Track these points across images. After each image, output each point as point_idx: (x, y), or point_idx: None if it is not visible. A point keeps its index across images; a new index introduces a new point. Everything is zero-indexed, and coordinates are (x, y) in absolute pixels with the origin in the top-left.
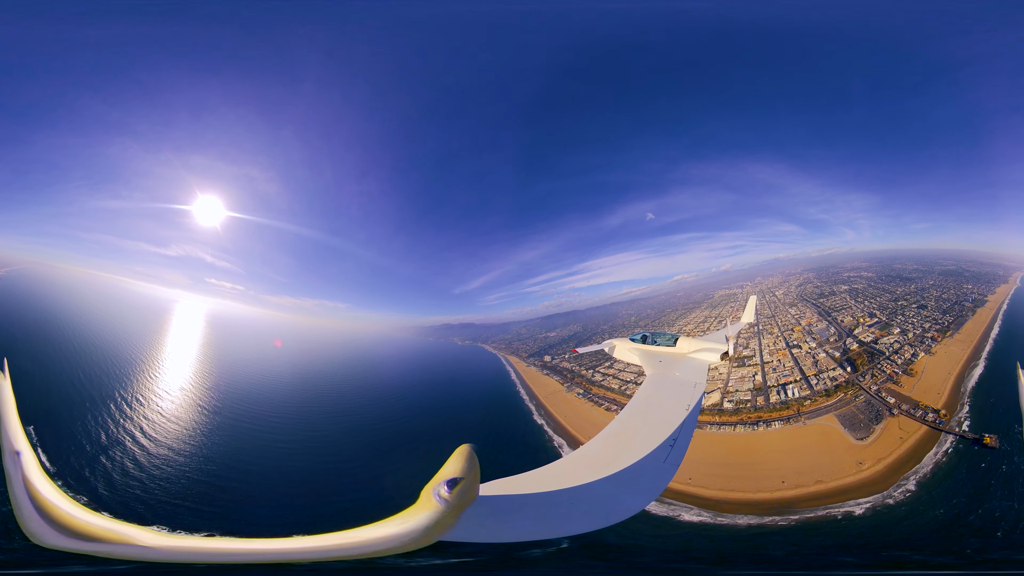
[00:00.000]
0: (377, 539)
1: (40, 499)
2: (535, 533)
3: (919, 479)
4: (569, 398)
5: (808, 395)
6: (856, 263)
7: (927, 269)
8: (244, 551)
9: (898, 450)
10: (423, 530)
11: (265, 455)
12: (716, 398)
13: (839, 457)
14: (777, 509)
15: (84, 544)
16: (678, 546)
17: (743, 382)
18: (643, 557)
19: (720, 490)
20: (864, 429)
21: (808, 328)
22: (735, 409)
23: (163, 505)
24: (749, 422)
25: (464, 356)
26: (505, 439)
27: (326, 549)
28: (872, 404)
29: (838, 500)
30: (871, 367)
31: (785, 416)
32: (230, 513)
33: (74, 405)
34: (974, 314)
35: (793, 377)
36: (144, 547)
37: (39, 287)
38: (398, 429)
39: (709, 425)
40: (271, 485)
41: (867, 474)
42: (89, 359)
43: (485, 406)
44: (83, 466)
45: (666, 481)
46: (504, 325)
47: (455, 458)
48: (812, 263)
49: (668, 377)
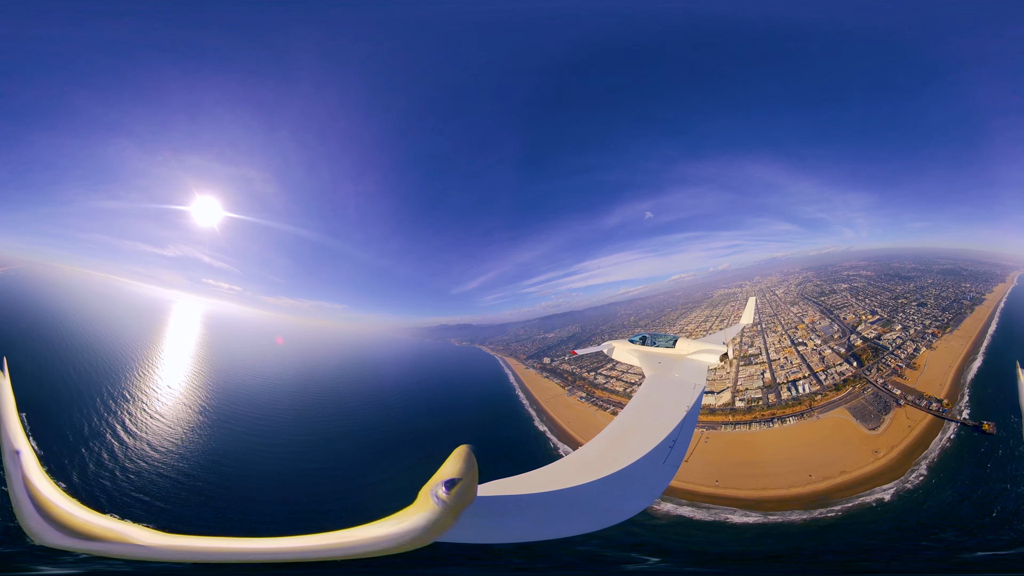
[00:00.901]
0: (374, 539)
1: (40, 498)
2: (533, 534)
3: (928, 464)
4: (571, 402)
5: (818, 390)
6: (854, 262)
7: (925, 268)
8: (244, 550)
9: (908, 438)
10: (420, 530)
11: (251, 455)
12: (727, 397)
13: (855, 447)
14: (817, 502)
15: (84, 543)
16: (773, 548)
17: (752, 380)
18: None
19: (752, 489)
20: (875, 420)
21: (811, 326)
22: (748, 408)
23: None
24: (764, 419)
25: (461, 358)
26: (505, 447)
27: (324, 548)
28: (880, 396)
29: (866, 488)
30: (876, 361)
31: (798, 412)
32: (203, 512)
33: (62, 397)
34: (972, 312)
35: (802, 373)
36: (144, 546)
37: (37, 287)
38: (393, 433)
39: (724, 425)
40: (252, 483)
41: (884, 461)
42: (83, 357)
43: (482, 412)
44: (64, 455)
45: (666, 482)
46: (502, 326)
47: (453, 458)
48: (810, 262)
49: (667, 378)
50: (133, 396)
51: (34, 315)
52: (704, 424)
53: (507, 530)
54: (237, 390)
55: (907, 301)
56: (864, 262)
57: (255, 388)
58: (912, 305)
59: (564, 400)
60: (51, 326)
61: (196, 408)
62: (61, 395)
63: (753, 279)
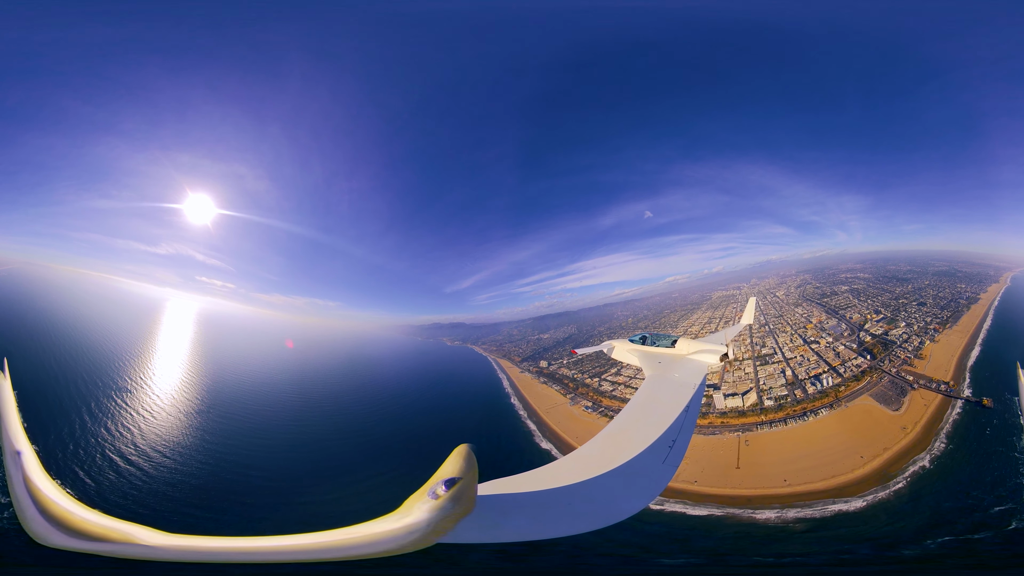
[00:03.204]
0: (376, 539)
1: (42, 499)
2: (533, 533)
3: (946, 433)
4: (576, 413)
5: (840, 382)
6: (850, 264)
7: (921, 270)
8: (246, 549)
9: (925, 414)
10: (423, 531)
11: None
12: (754, 397)
13: (886, 427)
14: (884, 478)
15: (86, 543)
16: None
17: (773, 379)
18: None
19: (823, 479)
20: (896, 402)
21: (820, 325)
22: (778, 406)
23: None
24: (796, 415)
25: (453, 361)
26: (501, 470)
27: (326, 548)
28: (895, 383)
29: (909, 459)
30: (887, 354)
31: (828, 403)
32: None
33: (60, 397)
34: (969, 310)
35: (821, 368)
36: (147, 546)
37: (32, 287)
38: (374, 450)
39: (759, 426)
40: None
41: (912, 436)
42: (81, 356)
43: (473, 424)
44: (59, 453)
45: (665, 482)
46: (495, 325)
47: (453, 458)
48: (805, 265)
49: (667, 378)
50: (129, 394)
51: (31, 315)
52: (738, 427)
53: (508, 529)
54: (231, 387)
55: (907, 301)
56: (860, 265)
57: (248, 385)
58: (913, 305)
59: (567, 410)
60: (48, 326)
61: (193, 404)
62: (59, 394)
63: (750, 281)
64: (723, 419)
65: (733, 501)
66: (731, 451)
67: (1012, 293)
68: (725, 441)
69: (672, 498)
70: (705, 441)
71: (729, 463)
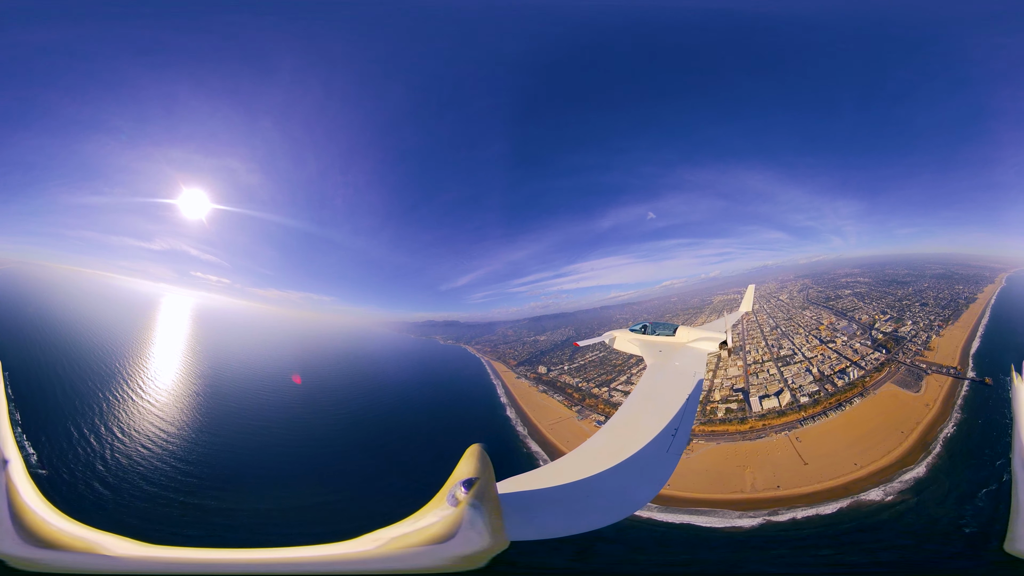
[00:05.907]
0: (419, 549)
1: (17, 509)
2: (562, 529)
3: (959, 406)
4: (586, 429)
5: (864, 374)
6: (847, 269)
7: (918, 273)
8: (237, 562)
9: (941, 393)
10: (481, 537)
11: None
12: (788, 397)
13: (912, 406)
14: (926, 449)
15: (53, 554)
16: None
17: (800, 377)
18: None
19: (883, 456)
20: (915, 386)
21: (832, 326)
22: (814, 401)
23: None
24: (832, 407)
25: (445, 362)
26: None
27: (348, 560)
28: (912, 370)
29: (937, 428)
30: (900, 348)
31: (858, 392)
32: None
33: (57, 396)
34: (967, 308)
35: (845, 364)
36: (115, 558)
37: (27, 286)
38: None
39: (802, 422)
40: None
41: (934, 411)
42: (78, 355)
43: (462, 442)
44: (55, 453)
45: (670, 470)
46: (489, 325)
47: (467, 459)
48: (802, 270)
49: (668, 367)
50: (127, 392)
51: (28, 315)
52: (781, 427)
53: (538, 526)
54: (230, 387)
55: (910, 302)
56: (858, 269)
57: (242, 381)
58: (915, 305)
59: (575, 426)
60: (44, 325)
61: (189, 400)
62: (55, 394)
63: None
64: (763, 421)
65: (832, 494)
66: (787, 450)
67: (1007, 292)
68: (774, 443)
69: (779, 506)
70: (755, 446)
71: (794, 462)
